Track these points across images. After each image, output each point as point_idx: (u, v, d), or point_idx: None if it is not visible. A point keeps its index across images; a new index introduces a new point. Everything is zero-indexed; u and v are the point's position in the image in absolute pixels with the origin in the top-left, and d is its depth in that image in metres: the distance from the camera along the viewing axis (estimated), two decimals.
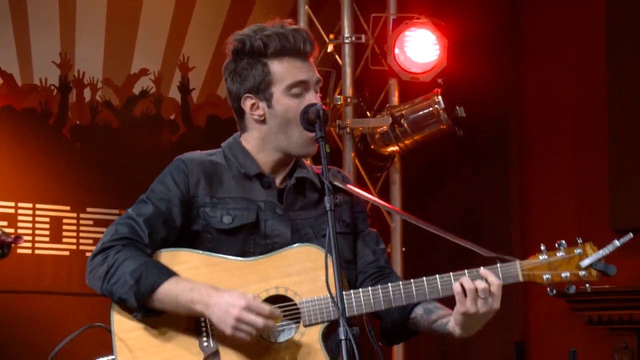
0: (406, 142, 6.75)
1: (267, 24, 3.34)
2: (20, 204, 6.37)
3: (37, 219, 6.42)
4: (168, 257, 3.26)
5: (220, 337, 3.17)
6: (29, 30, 6.46)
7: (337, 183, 3.37)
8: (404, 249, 6.53)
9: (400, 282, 3.19)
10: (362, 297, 3.16)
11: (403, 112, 6.71)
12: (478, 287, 3.07)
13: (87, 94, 6.65)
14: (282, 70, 3.29)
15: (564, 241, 3.15)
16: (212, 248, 3.27)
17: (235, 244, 3.27)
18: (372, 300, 3.17)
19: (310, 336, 3.17)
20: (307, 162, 3.46)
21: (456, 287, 3.09)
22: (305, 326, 3.17)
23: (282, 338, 3.18)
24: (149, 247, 3.24)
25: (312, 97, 3.28)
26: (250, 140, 3.38)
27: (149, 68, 6.88)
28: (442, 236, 3.46)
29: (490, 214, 7.08)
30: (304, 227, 3.31)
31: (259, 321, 3.06)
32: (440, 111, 6.56)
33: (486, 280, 3.09)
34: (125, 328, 3.24)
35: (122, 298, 3.17)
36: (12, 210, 6.34)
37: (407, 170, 6.97)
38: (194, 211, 3.30)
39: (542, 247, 3.17)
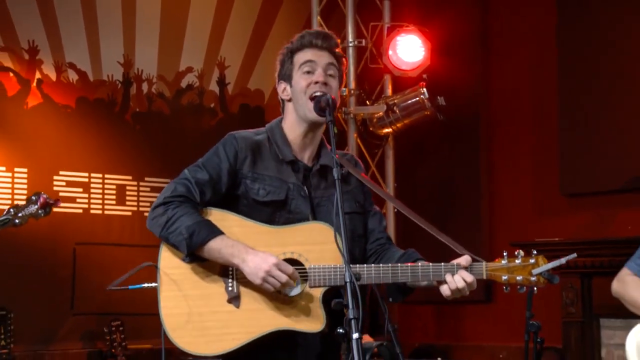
0: (398, 125, 6.75)
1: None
2: (92, 175, 6.36)
3: (106, 186, 6.41)
4: (216, 214, 3.24)
5: (242, 285, 3.18)
6: (98, 36, 6.43)
7: (350, 169, 3.33)
8: (395, 211, 6.55)
9: (400, 265, 3.19)
10: (372, 272, 3.16)
11: (395, 101, 6.71)
12: (459, 286, 3.14)
13: (144, 87, 6.63)
14: (299, 57, 3.33)
15: (521, 251, 3.17)
16: (246, 212, 3.25)
17: (264, 213, 3.25)
18: (381, 275, 3.17)
19: (313, 295, 3.15)
20: (328, 146, 3.39)
21: (444, 289, 3.16)
22: (311, 287, 3.15)
23: (290, 292, 3.15)
24: (200, 205, 3.23)
25: (319, 74, 3.28)
26: (287, 121, 3.37)
27: (193, 66, 6.86)
28: (430, 229, 3.35)
29: (463, 182, 7.02)
30: (326, 204, 3.29)
31: (284, 277, 3.08)
32: (425, 100, 6.55)
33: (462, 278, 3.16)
34: (169, 265, 3.21)
35: (175, 244, 3.16)
36: (86, 179, 6.33)
37: (398, 148, 6.98)
38: (238, 180, 3.28)
39: (505, 254, 3.19)
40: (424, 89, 6.56)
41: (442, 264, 3.18)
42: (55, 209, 6.03)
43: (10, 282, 5.89)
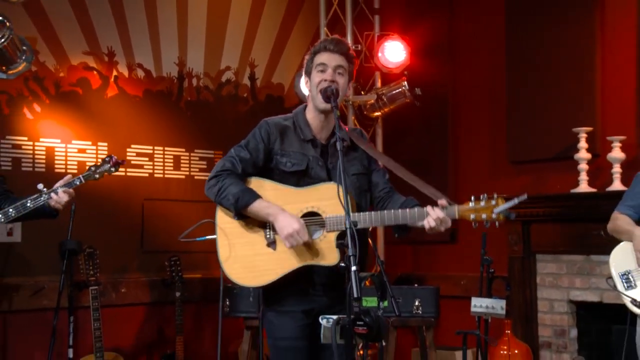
0: (385, 110, 6.80)
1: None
2: (155, 147, 6.36)
3: (166, 156, 6.41)
4: (256, 182, 3.31)
5: (276, 233, 3.23)
6: (160, 43, 6.40)
7: (355, 140, 3.34)
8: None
9: (393, 211, 3.17)
10: (367, 216, 3.17)
11: (383, 91, 6.75)
12: (432, 225, 3.13)
13: (194, 81, 6.60)
14: (317, 59, 3.32)
15: (486, 194, 3.13)
16: (278, 179, 3.30)
17: (292, 179, 3.29)
18: (375, 218, 3.17)
19: (330, 237, 3.18)
20: (343, 126, 3.37)
21: (426, 223, 3.14)
22: (328, 232, 3.18)
23: (314, 236, 3.20)
24: (243, 176, 3.29)
25: (329, 74, 3.26)
26: (309, 107, 3.37)
27: (231, 65, 6.82)
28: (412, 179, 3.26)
29: (435, 153, 7.02)
30: (337, 168, 3.17)
31: (301, 241, 3.15)
32: (406, 91, 6.59)
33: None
34: (224, 221, 3.29)
35: (227, 207, 3.25)
36: (151, 151, 6.33)
37: (386, 127, 7.00)
38: (271, 156, 3.34)
39: (472, 198, 3.14)
40: (405, 82, 6.59)
41: (425, 208, 3.16)
42: (128, 174, 6.10)
43: (97, 229, 5.95)
